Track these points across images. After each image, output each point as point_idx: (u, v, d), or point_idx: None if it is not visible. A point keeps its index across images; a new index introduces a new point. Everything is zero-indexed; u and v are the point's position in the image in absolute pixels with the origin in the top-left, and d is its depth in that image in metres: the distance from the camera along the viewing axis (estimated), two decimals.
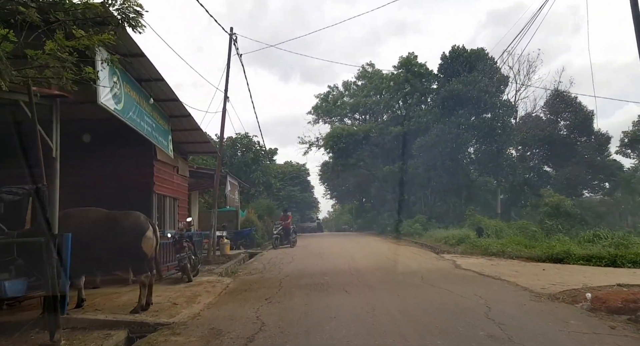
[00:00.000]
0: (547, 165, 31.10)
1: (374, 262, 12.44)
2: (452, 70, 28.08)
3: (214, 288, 8.94)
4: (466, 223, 22.88)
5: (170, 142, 10.44)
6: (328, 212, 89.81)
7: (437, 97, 26.96)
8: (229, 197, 16.23)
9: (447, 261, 12.29)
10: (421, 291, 7.82)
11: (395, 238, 25.72)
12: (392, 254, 14.81)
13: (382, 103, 31.41)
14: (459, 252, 14.98)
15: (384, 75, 33.04)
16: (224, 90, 14.87)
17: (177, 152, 12.88)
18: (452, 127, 24.83)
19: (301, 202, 49.38)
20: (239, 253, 16.33)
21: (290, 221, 20.26)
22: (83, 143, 8.99)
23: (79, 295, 6.79)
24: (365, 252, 16.17)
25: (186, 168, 13.32)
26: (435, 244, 18.35)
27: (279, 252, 17.43)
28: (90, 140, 9.53)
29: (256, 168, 25.51)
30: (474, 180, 28.35)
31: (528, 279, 9.02)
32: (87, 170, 9.76)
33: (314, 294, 7.98)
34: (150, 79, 8.41)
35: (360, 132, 29.75)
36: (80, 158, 8.86)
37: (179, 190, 12.59)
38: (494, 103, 25.25)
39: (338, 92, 35.58)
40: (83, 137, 9.00)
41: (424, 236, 22.52)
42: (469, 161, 26.88)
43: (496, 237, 18.25)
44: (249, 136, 25.82)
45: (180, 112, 10.42)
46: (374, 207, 46.94)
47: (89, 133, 9.45)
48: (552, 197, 21.59)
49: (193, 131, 11.78)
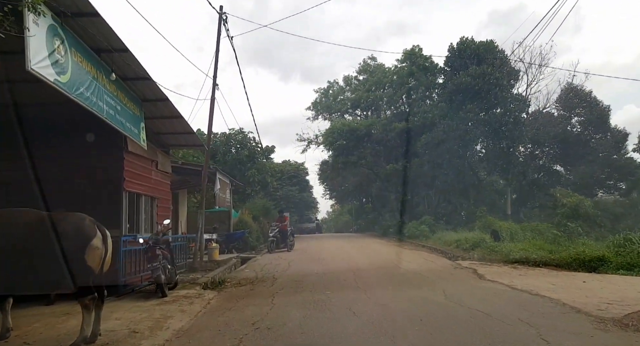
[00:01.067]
0: (558, 164, 29.51)
1: (382, 271, 10.83)
2: (460, 63, 26.46)
3: (191, 306, 7.33)
4: (476, 225, 21.33)
5: (143, 131, 8.82)
6: (327, 212, 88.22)
7: (444, 91, 25.38)
8: (219, 196, 14.63)
9: (466, 271, 10.68)
10: (449, 314, 6.21)
11: (399, 241, 24.10)
12: (400, 260, 13.20)
13: (385, 98, 29.78)
14: (475, 258, 13.39)
15: (387, 69, 31.46)
16: (213, 77, 13.29)
17: (157, 145, 11.27)
18: (460, 123, 23.25)
19: (300, 202, 47.74)
20: (229, 258, 14.71)
21: (287, 223, 18.65)
22: (35, 131, 7.38)
23: (3, 323, 5.19)
24: (370, 257, 14.58)
25: (168, 164, 11.70)
26: (445, 248, 16.76)
27: (274, 257, 15.82)
28: (44, 127, 7.94)
29: (251, 166, 23.89)
30: (482, 180, 26.80)
31: (572, 295, 7.43)
32: (43, 164, 8.17)
33: (314, 316, 6.38)
34: (111, 50, 6.80)
35: (362, 128, 28.11)
36: (32, 149, 7.28)
37: (159, 188, 10.97)
38: (505, 97, 23.67)
39: (338, 87, 33.97)
40: (33, 123, 7.38)
41: (431, 239, 20.94)
42: (478, 159, 25.27)
43: (511, 240, 16.74)
44: (243, 132, 24.21)
45: (155, 95, 8.81)
46: (375, 207, 45.34)
47: (41, 120, 7.86)
48: (570, 197, 20.02)
49: (174, 119, 10.17)
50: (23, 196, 6.58)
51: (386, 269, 11.20)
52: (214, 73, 13.26)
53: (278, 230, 17.94)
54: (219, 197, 14.44)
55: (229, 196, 16.39)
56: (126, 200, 8.95)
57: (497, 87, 23.23)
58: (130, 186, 9.14)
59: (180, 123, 10.44)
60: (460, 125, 23.00)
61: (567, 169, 29.84)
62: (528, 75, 26.78)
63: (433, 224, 23.73)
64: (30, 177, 7.04)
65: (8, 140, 6.89)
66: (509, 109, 23.41)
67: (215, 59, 13.31)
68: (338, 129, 27.79)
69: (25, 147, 6.75)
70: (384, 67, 32.19)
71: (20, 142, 6.69)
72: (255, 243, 19.41)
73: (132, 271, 8.65)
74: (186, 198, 18.25)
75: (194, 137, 11.41)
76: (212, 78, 13.26)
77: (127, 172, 8.93)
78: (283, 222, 18.37)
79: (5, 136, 6.95)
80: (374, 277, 9.78)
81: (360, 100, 31.04)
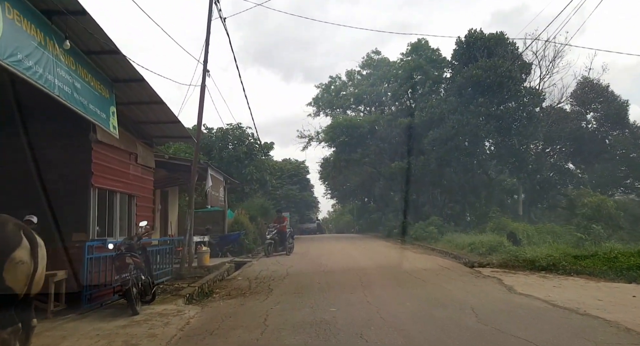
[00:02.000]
0: (571, 162, 28.11)
1: (395, 280, 9.47)
2: (469, 56, 25.06)
3: (165, 329, 5.97)
4: (487, 227, 19.97)
5: (114, 116, 7.47)
6: (328, 212, 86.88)
7: (452, 85, 23.97)
8: (211, 195, 13.27)
9: (491, 281, 9.32)
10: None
11: (406, 243, 22.73)
12: (413, 267, 11.83)
13: (389, 93, 28.33)
14: (495, 264, 12.00)
15: (392, 63, 30.06)
16: (204, 62, 11.94)
17: (137, 135, 9.93)
18: (471, 118, 21.86)
19: (300, 201, 46.35)
20: (222, 263, 13.36)
21: (286, 223, 17.27)
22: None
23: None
24: (377, 263, 13.21)
25: (151, 157, 10.35)
26: (459, 252, 15.39)
27: (271, 262, 14.47)
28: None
29: (249, 163, 22.52)
30: (493, 178, 25.42)
31: (630, 315, 6.11)
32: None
33: (315, 345, 5.04)
34: (62, 11, 5.44)
35: (365, 124, 26.69)
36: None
37: (139, 185, 9.62)
38: (518, 90, 22.28)
39: (341, 82, 32.57)
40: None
41: (441, 241, 19.57)
42: (488, 156, 23.86)
43: (529, 243, 15.38)
44: (241, 127, 22.84)
45: (128, 74, 7.45)
46: (378, 207, 43.97)
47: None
48: (591, 196, 18.62)
49: (154, 105, 8.81)
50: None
51: (398, 278, 9.84)
52: (204, 57, 11.92)
53: (276, 231, 16.57)
54: (210, 196, 13.09)
55: (223, 194, 15.05)
56: (95, 198, 7.60)
57: (510, 79, 21.85)
58: (100, 181, 7.79)
59: (162, 110, 9.08)
60: (472, 120, 21.62)
61: (579, 168, 28.45)
62: (541, 68, 25.38)
63: (441, 225, 22.35)
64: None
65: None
66: (522, 103, 22.03)
67: (205, 42, 11.95)
68: (340, 125, 26.37)
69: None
70: (388, 61, 30.78)
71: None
72: (251, 245, 18.05)
73: (101, 282, 7.32)
74: (177, 197, 16.92)
75: (180, 127, 10.05)
76: (202, 63, 11.92)
77: (96, 165, 7.59)
78: (282, 223, 17.01)
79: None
80: (386, 289, 8.41)
81: (364, 95, 29.61)
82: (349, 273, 10.56)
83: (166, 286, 9.86)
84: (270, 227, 16.95)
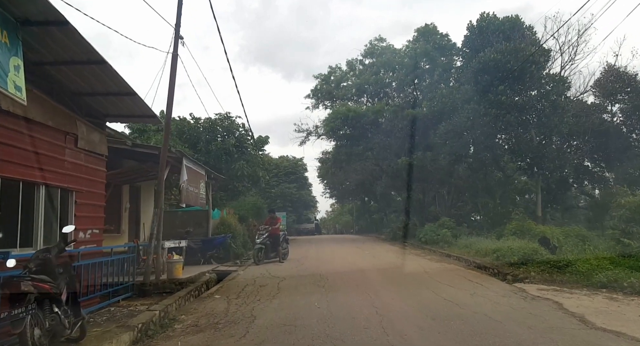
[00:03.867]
0: (590, 158, 25.74)
1: (420, 305, 7.10)
2: (481, 43, 22.77)
3: None
4: (505, 230, 17.68)
5: (18, 74, 5.10)
6: (326, 211, 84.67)
7: (467, 71, 21.61)
8: (187, 191, 10.89)
9: (547, 305, 6.99)
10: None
11: (415, 247, 20.43)
12: (434, 280, 9.50)
13: (395, 82, 25.95)
14: (536, 278, 9.69)
15: (397, 50, 27.69)
16: (175, 25, 9.59)
17: (81, 113, 7.57)
18: (489, 107, 19.52)
19: (298, 200, 44.00)
20: (200, 274, 11.00)
21: (279, 226, 14.87)
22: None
23: None
24: (390, 277, 10.86)
25: (101, 142, 7.99)
26: (481, 260, 13.07)
27: (261, 271, 12.12)
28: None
29: (239, 157, 20.13)
30: (510, 176, 23.12)
31: None
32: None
33: None
34: None
35: (370, 114, 24.26)
36: None
37: (81, 176, 7.27)
38: (541, 77, 19.97)
39: (341, 72, 30.16)
40: None
41: (455, 246, 17.24)
42: (506, 150, 21.52)
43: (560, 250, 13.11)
44: (230, 117, 20.40)
45: (43, 13, 5.08)
46: (380, 207, 41.69)
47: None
48: (628, 196, 16.29)
49: (95, 66, 6.44)
50: None
51: (419, 298, 7.48)
52: (176, 20, 9.57)
53: (267, 235, 14.19)
54: (186, 192, 10.70)
55: (204, 190, 12.68)
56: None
57: (533, 64, 19.52)
58: (8, 169, 5.45)
59: (109, 75, 6.71)
60: (490, 110, 19.27)
61: (599, 166, 26.15)
62: (562, 54, 23.05)
63: (454, 227, 20.02)
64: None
65: None
66: (546, 91, 19.70)
67: (178, 1, 9.63)
68: (342, 114, 23.95)
69: None
70: (394, 48, 28.39)
71: None
72: (240, 250, 15.70)
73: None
74: (153, 194, 14.51)
75: (137, 101, 7.66)
76: (174, 26, 9.57)
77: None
78: (274, 225, 14.62)
79: None
80: (413, 321, 6.05)
81: (366, 85, 27.20)
82: (358, 294, 8.20)
83: (118, 309, 7.55)
84: (261, 229, 14.55)
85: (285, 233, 15.49)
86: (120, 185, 12.02)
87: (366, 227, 49.60)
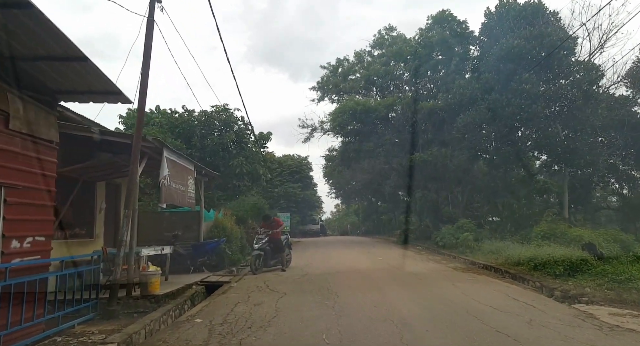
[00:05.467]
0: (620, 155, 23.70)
1: (462, 335, 5.26)
2: (501, 30, 20.90)
3: None
4: (532, 233, 15.80)
5: None
6: (331, 212, 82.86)
7: (488, 59, 19.71)
8: (169, 188, 9.10)
9: (634, 339, 5.12)
10: None
11: (431, 252, 18.58)
12: (471, 300, 7.63)
13: (408, 72, 24.00)
14: (594, 295, 7.81)
15: (409, 39, 25.80)
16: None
17: (20, 87, 5.79)
18: (513, 98, 17.66)
19: (302, 201, 42.15)
20: (185, 288, 9.23)
21: (280, 229, 13.04)
22: None
23: None
24: (413, 290, 9.01)
25: (48, 125, 6.23)
26: (514, 269, 11.21)
27: (258, 283, 10.32)
28: None
29: (238, 153, 18.35)
30: (535, 174, 21.18)
31: None
32: None
33: None
34: None
35: (381, 108, 22.37)
36: None
37: (15, 168, 5.52)
38: (570, 64, 18.08)
39: (349, 64, 28.28)
40: None
41: (479, 251, 15.35)
42: (530, 146, 19.62)
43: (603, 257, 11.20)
44: (228, 109, 18.60)
45: None
46: (389, 208, 39.80)
47: None
48: None
49: (19, 11, 4.65)
50: None
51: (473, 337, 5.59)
52: None
53: (267, 239, 12.37)
54: (167, 189, 8.89)
55: (193, 188, 10.89)
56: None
57: (562, 50, 17.63)
58: None
59: (44, 28, 4.92)
60: (514, 100, 17.40)
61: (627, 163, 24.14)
62: (591, 42, 21.06)
63: (474, 230, 18.12)
64: None
65: None
66: (576, 80, 17.79)
67: None
68: (350, 108, 22.08)
69: None
70: (405, 38, 26.49)
71: None
72: (236, 256, 13.93)
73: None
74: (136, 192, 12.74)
75: (92, 70, 5.84)
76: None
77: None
78: (275, 228, 12.80)
79: None
80: None
81: (375, 77, 25.29)
82: (378, 320, 6.36)
83: (67, 339, 5.81)
84: (260, 233, 12.72)
85: (287, 237, 13.70)
86: (93, 181, 10.28)
87: (373, 228, 47.72)
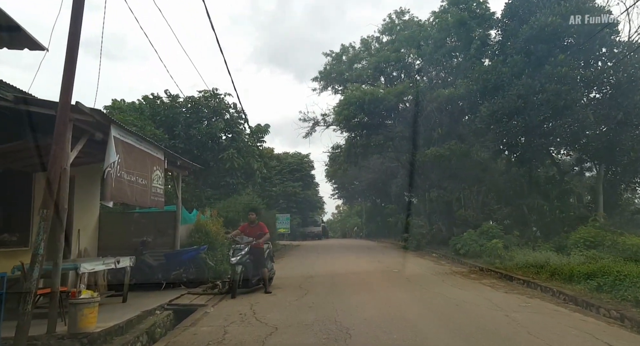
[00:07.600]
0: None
1: None
2: (526, 12, 18.47)
3: None
4: (569, 239, 13.37)
5: None
6: (332, 213, 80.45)
7: (516, 41, 17.25)
8: (119, 181, 6.63)
9: None
10: None
11: (451, 261, 16.14)
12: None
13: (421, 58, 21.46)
14: None
15: (423, 23, 23.34)
16: None
17: None
18: (547, 82, 15.22)
19: (303, 201, 39.71)
20: (143, 316, 6.80)
21: (265, 239, 10.35)
22: None
23: None
24: (454, 328, 6.53)
25: None
26: (571, 290, 8.76)
27: (240, 309, 7.88)
28: None
29: (229, 144, 15.93)
30: (567, 172, 18.72)
31: None
32: None
33: None
34: None
35: (391, 97, 19.82)
36: None
37: None
38: (614, 44, 15.65)
39: (355, 51, 25.82)
40: None
41: (510, 261, 12.84)
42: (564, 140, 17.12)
43: None
44: (218, 94, 16.13)
45: None
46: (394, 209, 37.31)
47: None
48: None
49: None
50: None
51: None
52: None
53: (247, 249, 9.72)
54: (115, 182, 6.35)
55: (161, 182, 8.42)
56: None
57: (605, 28, 15.17)
58: None
59: None
60: (549, 86, 14.95)
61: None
62: (630, 23, 18.68)
63: (502, 236, 15.66)
64: None
65: None
66: (620, 63, 15.32)
67: None
68: (357, 99, 19.54)
69: None
70: (418, 22, 24.04)
71: None
72: (222, 266, 11.46)
73: None
74: (98, 185, 10.28)
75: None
76: None
77: None
78: (256, 232, 10.19)
79: None
80: None
81: (384, 64, 22.80)
82: None
83: None
84: (238, 241, 9.92)
85: (270, 248, 10.98)
86: (29, 172, 7.88)
87: (377, 231, 45.29)
